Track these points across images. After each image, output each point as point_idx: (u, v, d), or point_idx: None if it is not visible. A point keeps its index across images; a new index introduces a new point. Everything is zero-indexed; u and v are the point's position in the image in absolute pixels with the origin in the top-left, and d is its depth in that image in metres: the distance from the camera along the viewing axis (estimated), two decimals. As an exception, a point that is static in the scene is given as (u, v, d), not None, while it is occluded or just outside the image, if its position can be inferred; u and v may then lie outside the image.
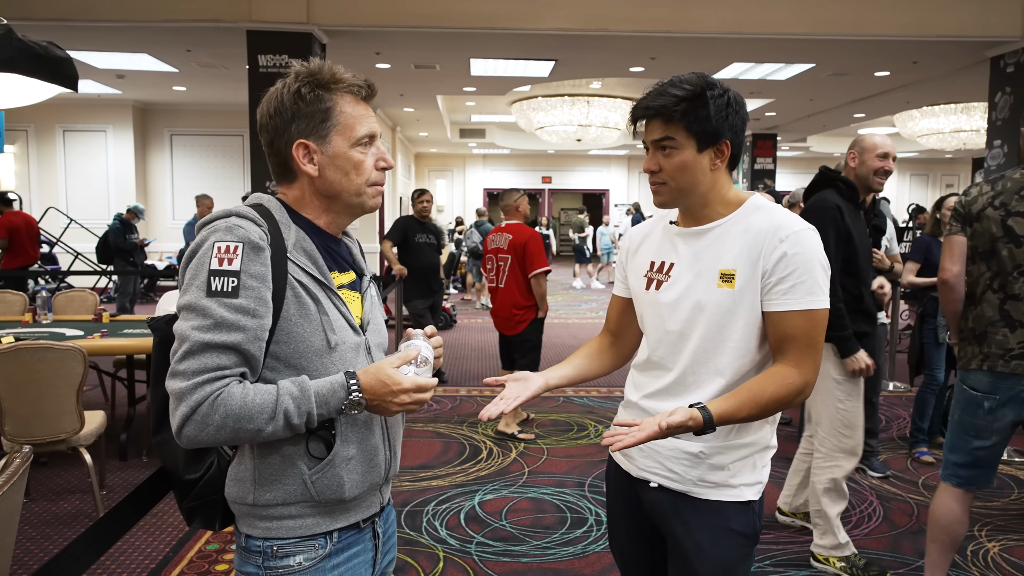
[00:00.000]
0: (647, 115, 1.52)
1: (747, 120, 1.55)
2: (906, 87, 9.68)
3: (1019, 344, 2.34)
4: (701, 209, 1.55)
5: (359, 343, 1.35)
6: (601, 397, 6.05)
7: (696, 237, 1.55)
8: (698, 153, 1.49)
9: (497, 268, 4.89)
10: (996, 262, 2.40)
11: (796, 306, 1.45)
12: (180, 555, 3.17)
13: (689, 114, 1.47)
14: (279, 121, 1.32)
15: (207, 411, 1.17)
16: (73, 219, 11.86)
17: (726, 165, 1.54)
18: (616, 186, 21.45)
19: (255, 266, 1.22)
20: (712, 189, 1.53)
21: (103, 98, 11.72)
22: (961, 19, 6.95)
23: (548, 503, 3.80)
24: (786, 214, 1.51)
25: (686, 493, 1.55)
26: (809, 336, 1.47)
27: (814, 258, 1.46)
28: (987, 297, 2.41)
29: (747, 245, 1.48)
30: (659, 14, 6.95)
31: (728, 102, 1.49)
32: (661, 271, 1.59)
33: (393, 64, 8.60)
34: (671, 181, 1.52)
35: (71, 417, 3.43)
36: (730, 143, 1.51)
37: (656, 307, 1.59)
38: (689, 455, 1.53)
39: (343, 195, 1.35)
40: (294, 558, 1.30)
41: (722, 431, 1.50)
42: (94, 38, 7.60)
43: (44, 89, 3.72)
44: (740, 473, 1.54)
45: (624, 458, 1.66)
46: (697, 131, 1.48)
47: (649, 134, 1.53)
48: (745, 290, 1.47)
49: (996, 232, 2.38)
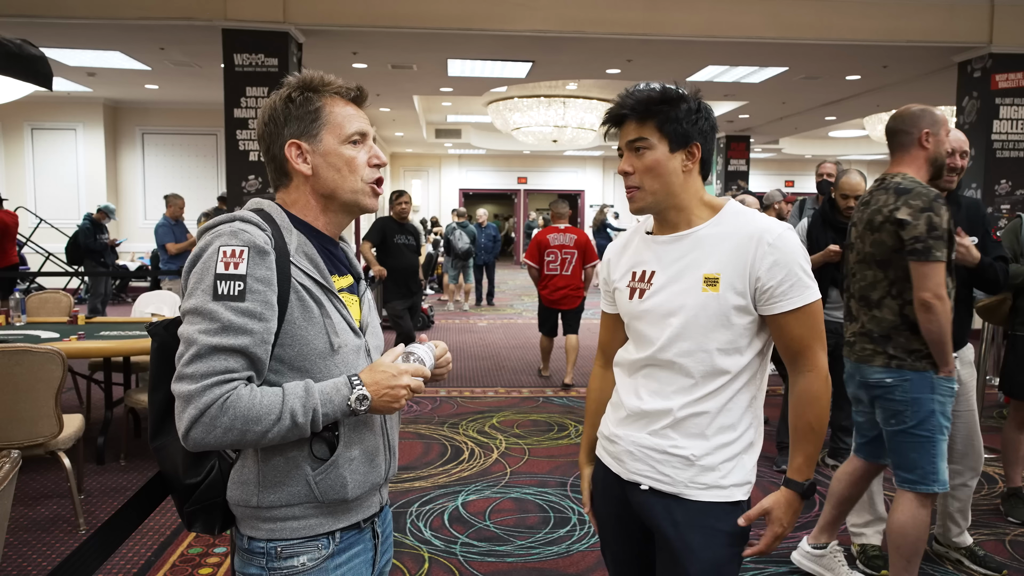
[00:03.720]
0: (622, 115, 1.58)
1: (715, 129, 1.62)
2: (876, 91, 9.86)
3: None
4: (677, 214, 1.59)
5: (360, 345, 1.38)
6: (580, 397, 6.09)
7: (674, 243, 1.59)
8: (670, 153, 1.55)
9: (563, 260, 6.45)
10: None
11: (797, 303, 1.51)
12: (163, 559, 3.14)
13: (660, 114, 1.54)
14: (273, 127, 1.36)
15: (216, 414, 1.18)
16: (43, 219, 11.65)
17: (698, 169, 1.59)
18: (591, 187, 21.54)
19: (261, 270, 1.23)
20: (685, 191, 1.57)
21: (73, 96, 11.52)
22: (929, 25, 7.10)
23: (531, 503, 3.83)
24: (763, 218, 1.56)
25: (677, 495, 1.57)
26: (813, 328, 1.54)
27: (798, 256, 1.52)
28: (887, 303, 2.55)
29: (732, 250, 1.52)
30: (634, 17, 7.01)
31: (699, 107, 1.56)
32: (643, 280, 1.62)
33: (370, 64, 8.58)
34: (645, 183, 1.57)
35: (49, 421, 3.38)
36: (700, 147, 1.57)
37: (642, 315, 1.62)
38: (680, 458, 1.56)
39: (338, 193, 1.37)
40: (298, 559, 1.32)
41: (709, 432, 1.54)
42: (65, 35, 7.47)
43: (17, 88, 3.66)
44: (731, 474, 1.56)
45: (614, 461, 1.67)
46: (669, 131, 1.54)
47: (623, 136, 1.59)
48: (729, 292, 1.51)
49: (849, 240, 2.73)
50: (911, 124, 2.54)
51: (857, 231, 2.66)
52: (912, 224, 2.40)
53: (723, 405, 1.55)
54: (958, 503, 3.13)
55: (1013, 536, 3.45)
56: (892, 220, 2.46)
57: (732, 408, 1.56)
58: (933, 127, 2.53)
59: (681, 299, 1.55)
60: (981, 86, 7.24)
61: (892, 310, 2.52)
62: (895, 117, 2.60)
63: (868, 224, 2.57)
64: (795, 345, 1.55)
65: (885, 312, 2.54)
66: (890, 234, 2.48)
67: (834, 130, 15.59)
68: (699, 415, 1.55)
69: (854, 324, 2.68)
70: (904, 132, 2.55)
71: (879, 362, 2.54)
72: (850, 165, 18.26)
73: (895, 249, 2.48)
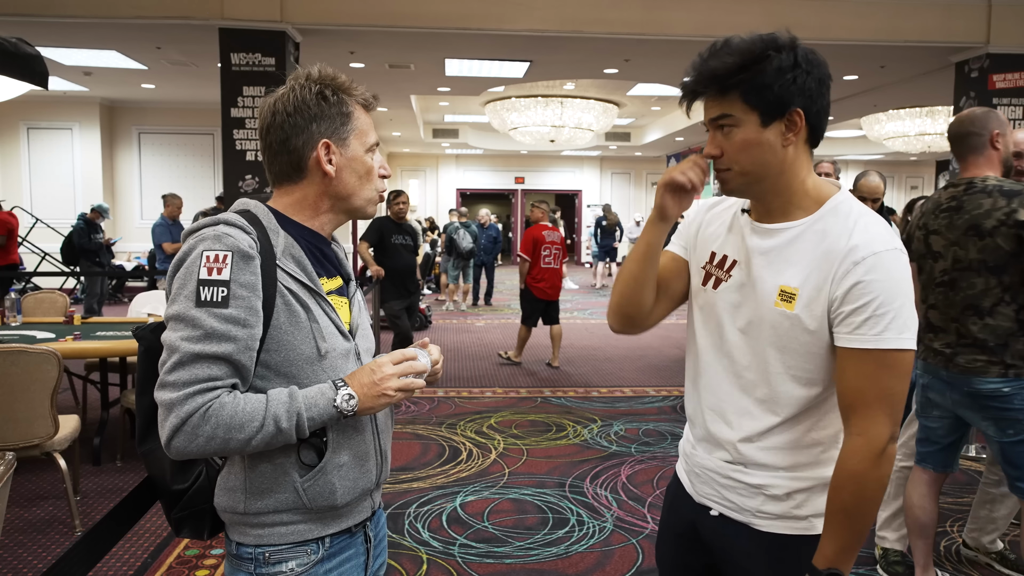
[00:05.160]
0: (695, 91, 1.30)
1: (828, 81, 1.29)
2: (873, 90, 9.86)
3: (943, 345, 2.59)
4: (774, 200, 1.33)
5: (349, 348, 1.35)
6: (578, 397, 6.08)
7: (765, 237, 1.34)
8: (763, 128, 1.26)
9: (555, 255, 7.21)
10: (922, 278, 2.66)
11: (871, 344, 1.21)
12: (159, 561, 3.12)
13: (745, 83, 1.25)
14: (299, 119, 1.30)
15: (198, 422, 1.16)
16: (39, 219, 11.61)
17: (805, 140, 1.30)
18: (589, 187, 21.54)
19: (245, 275, 1.21)
20: (786, 172, 1.30)
21: (69, 95, 11.48)
22: (927, 25, 7.10)
23: (530, 504, 3.81)
24: (868, 226, 1.26)
25: (747, 524, 1.39)
26: (880, 385, 1.22)
27: (897, 284, 1.22)
28: (1001, 310, 2.49)
29: (818, 261, 1.26)
30: (632, 16, 7.00)
31: (796, 62, 1.25)
32: (721, 267, 1.40)
33: (367, 63, 8.56)
34: (735, 165, 1.29)
35: (45, 422, 3.36)
36: (804, 112, 1.26)
37: (710, 308, 1.41)
38: (746, 485, 1.38)
39: (354, 198, 1.36)
40: (286, 564, 1.30)
41: (782, 464, 1.34)
42: (61, 34, 7.44)
43: (13, 87, 3.64)
44: (807, 503, 1.35)
45: (687, 478, 1.52)
46: (757, 101, 1.25)
47: (706, 113, 1.31)
48: (806, 315, 1.27)
49: (921, 250, 2.65)
50: (981, 126, 2.50)
51: (946, 238, 2.54)
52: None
53: (799, 436, 1.34)
54: (1006, 509, 3.11)
55: None
56: (1013, 223, 2.36)
57: (810, 438, 1.34)
58: (1001, 128, 2.51)
59: (752, 308, 1.33)
60: (978, 86, 7.24)
61: (1008, 317, 2.43)
62: (961, 121, 2.53)
63: (972, 230, 2.46)
64: (850, 397, 1.25)
65: (1000, 320, 2.44)
66: (1009, 238, 2.38)
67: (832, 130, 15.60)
68: (770, 447, 1.35)
69: (946, 336, 2.56)
70: (975, 134, 2.49)
71: (995, 372, 2.44)
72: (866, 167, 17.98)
73: (1013, 253, 2.38)
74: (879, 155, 18.92)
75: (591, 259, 15.94)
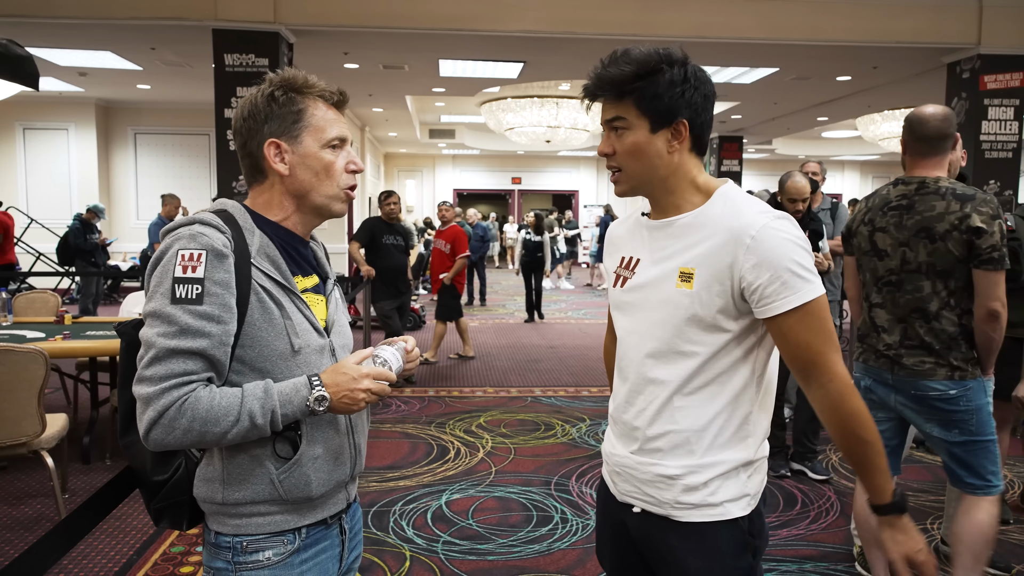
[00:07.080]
0: (595, 94, 1.40)
1: (712, 97, 1.40)
2: (867, 91, 9.89)
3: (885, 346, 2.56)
4: (665, 198, 1.43)
5: (323, 345, 1.38)
6: (568, 397, 6.10)
7: (661, 230, 1.44)
8: (651, 134, 1.36)
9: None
10: (864, 275, 2.64)
11: (793, 302, 1.31)
12: (144, 557, 3.15)
13: (638, 91, 1.34)
14: (252, 123, 1.36)
15: (174, 415, 1.19)
16: (34, 219, 11.63)
17: (689, 148, 1.40)
18: (585, 187, 21.58)
19: (219, 273, 1.24)
20: (673, 175, 1.40)
21: (65, 96, 11.50)
22: (918, 26, 7.13)
23: (515, 502, 3.84)
24: (748, 208, 1.36)
25: (667, 517, 1.43)
26: (821, 331, 1.33)
27: (786, 249, 1.31)
28: (946, 315, 2.49)
29: (713, 244, 1.35)
30: (625, 17, 7.02)
31: (685, 77, 1.35)
32: (628, 267, 1.49)
33: (362, 64, 8.58)
34: (625, 166, 1.41)
35: (32, 420, 3.39)
36: (689, 123, 1.36)
37: (624, 306, 1.50)
38: (662, 477, 1.42)
39: (312, 195, 1.38)
40: (263, 553, 1.33)
41: (694, 449, 1.39)
42: (56, 35, 7.47)
43: (3, 88, 3.68)
44: (721, 489, 1.40)
45: (610, 478, 1.56)
46: (648, 109, 1.35)
47: (603, 115, 1.41)
48: (704, 292, 1.35)
49: (864, 246, 2.61)
50: (953, 127, 2.46)
51: (894, 238, 2.50)
52: (989, 232, 2.31)
53: (709, 419, 1.39)
54: None
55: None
56: (966, 228, 2.33)
57: (719, 420, 1.39)
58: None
59: (656, 293, 1.41)
60: (970, 87, 7.27)
61: (951, 321, 2.42)
62: (944, 119, 2.44)
63: (923, 232, 2.42)
64: (803, 353, 1.33)
65: (945, 324, 2.43)
66: (960, 243, 2.35)
67: (827, 131, 15.64)
68: (676, 430, 1.41)
69: (889, 336, 2.54)
70: (950, 136, 2.46)
71: (942, 375, 2.43)
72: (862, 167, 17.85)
73: (962, 259, 2.37)
74: (874, 155, 18.97)
75: (589, 259, 15.94)
